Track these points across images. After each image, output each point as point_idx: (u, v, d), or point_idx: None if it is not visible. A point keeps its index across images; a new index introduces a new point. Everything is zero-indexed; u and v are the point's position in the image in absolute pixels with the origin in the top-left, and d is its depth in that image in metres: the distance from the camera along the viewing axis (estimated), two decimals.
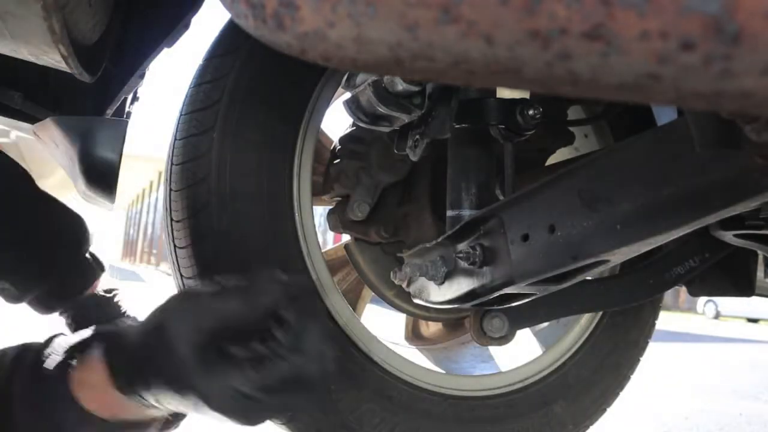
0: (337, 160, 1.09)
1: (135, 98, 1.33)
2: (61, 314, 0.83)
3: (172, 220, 0.84)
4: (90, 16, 0.82)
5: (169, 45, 0.95)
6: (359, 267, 1.12)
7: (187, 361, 0.50)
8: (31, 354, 0.61)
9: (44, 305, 0.79)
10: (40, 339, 0.63)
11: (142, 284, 6.32)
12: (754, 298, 1.02)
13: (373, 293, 1.19)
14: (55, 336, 0.63)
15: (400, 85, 0.70)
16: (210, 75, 0.85)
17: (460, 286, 0.74)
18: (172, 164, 0.85)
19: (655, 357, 3.69)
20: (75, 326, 0.79)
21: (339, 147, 1.10)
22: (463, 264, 0.72)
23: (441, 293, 0.78)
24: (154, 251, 21.75)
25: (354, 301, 1.24)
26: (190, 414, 0.58)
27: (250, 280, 0.56)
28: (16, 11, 0.65)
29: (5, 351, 0.61)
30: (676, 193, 0.54)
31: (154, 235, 22.16)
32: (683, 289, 1.04)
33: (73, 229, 0.80)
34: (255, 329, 0.53)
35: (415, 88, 0.71)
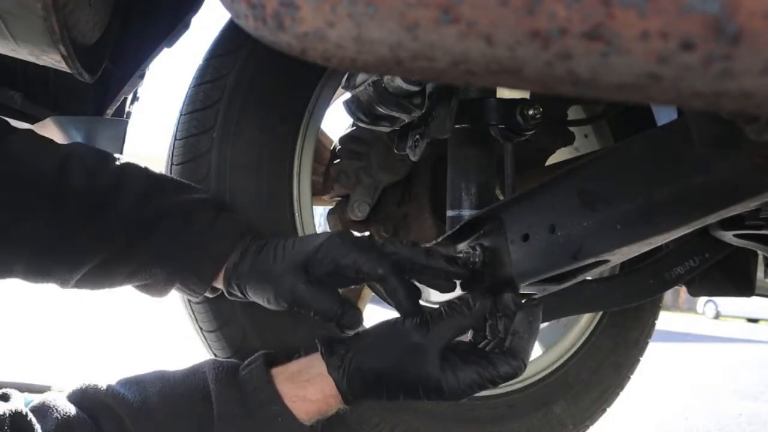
0: (337, 160, 1.09)
1: (135, 98, 1.33)
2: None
3: None
4: (90, 16, 0.82)
5: (169, 45, 0.95)
6: None
7: (436, 370, 0.62)
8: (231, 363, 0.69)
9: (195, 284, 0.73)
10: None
11: None
12: (754, 298, 1.02)
13: (372, 293, 1.19)
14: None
15: (401, 85, 0.70)
16: (210, 75, 0.85)
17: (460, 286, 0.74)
18: (172, 164, 0.85)
19: (655, 357, 3.69)
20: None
21: (339, 147, 1.10)
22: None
23: (441, 293, 0.77)
24: None
25: (354, 301, 1.24)
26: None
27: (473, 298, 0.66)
28: (16, 11, 0.65)
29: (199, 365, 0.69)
30: (676, 193, 0.54)
31: None
32: (683, 289, 1.04)
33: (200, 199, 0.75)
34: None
35: (415, 88, 0.71)
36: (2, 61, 0.86)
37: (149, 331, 3.14)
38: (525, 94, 0.80)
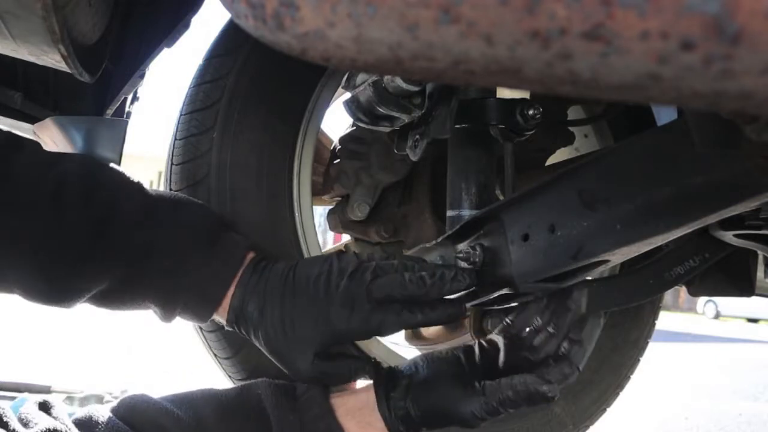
0: (337, 160, 1.09)
1: (135, 98, 1.33)
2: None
3: None
4: (90, 16, 0.82)
5: (169, 45, 0.95)
6: None
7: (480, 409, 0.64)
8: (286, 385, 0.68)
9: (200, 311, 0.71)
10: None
11: None
12: (754, 298, 1.02)
13: None
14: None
15: (401, 85, 0.70)
16: (210, 75, 0.85)
17: None
18: (172, 164, 0.85)
19: (655, 357, 3.69)
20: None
21: (339, 147, 1.10)
22: (463, 264, 0.72)
23: None
24: None
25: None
26: None
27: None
28: (16, 11, 0.65)
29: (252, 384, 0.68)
30: (677, 193, 0.54)
31: None
32: (683, 289, 1.04)
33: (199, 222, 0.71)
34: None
35: (415, 88, 0.71)
36: (2, 61, 0.86)
37: (149, 332, 3.14)
38: (525, 94, 0.80)
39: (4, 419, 0.54)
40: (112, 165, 0.72)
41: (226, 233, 0.73)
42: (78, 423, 0.57)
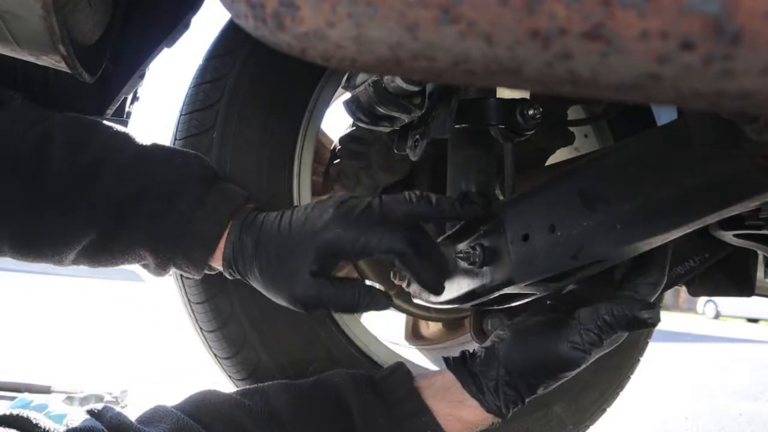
0: (337, 160, 1.09)
1: (135, 98, 1.33)
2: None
3: None
4: (90, 16, 0.82)
5: (169, 45, 0.95)
6: (359, 267, 1.12)
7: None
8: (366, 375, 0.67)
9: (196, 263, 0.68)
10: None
11: (142, 284, 6.33)
12: (754, 298, 1.02)
13: None
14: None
15: (401, 85, 0.70)
16: (210, 75, 0.85)
17: (460, 286, 0.74)
18: None
19: (655, 357, 3.69)
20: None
21: (339, 147, 1.10)
22: (463, 264, 0.72)
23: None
24: None
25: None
26: None
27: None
28: (16, 11, 0.65)
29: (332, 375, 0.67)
30: (676, 193, 0.54)
31: None
32: (683, 289, 1.04)
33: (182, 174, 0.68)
34: None
35: (415, 88, 0.71)
36: (2, 61, 0.86)
37: (149, 332, 3.14)
38: (525, 94, 0.80)
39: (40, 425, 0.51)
40: (103, 121, 0.71)
41: (223, 181, 0.72)
42: (141, 420, 0.56)
